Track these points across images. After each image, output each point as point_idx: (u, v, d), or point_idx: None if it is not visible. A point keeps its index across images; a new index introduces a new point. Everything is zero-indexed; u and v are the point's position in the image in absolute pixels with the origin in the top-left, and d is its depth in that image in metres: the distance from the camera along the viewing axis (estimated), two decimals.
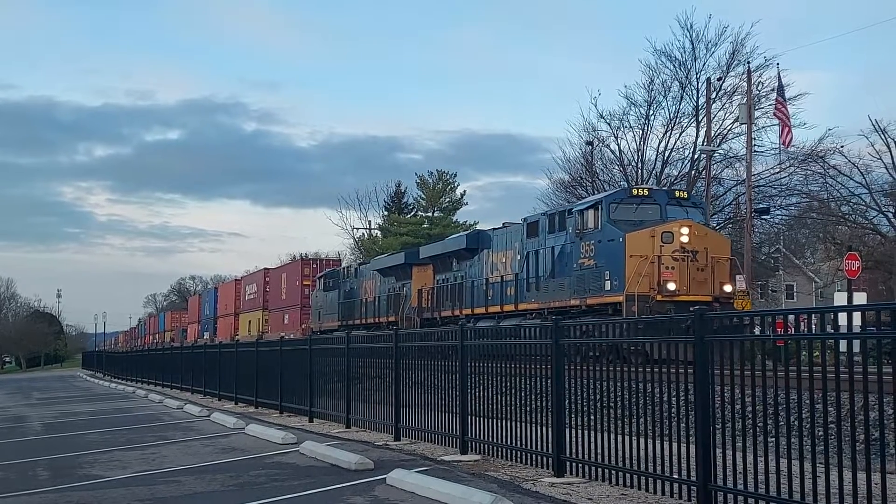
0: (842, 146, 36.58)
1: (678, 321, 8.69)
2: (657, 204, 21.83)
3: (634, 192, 22.56)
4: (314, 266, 47.83)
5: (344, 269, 42.70)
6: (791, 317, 7.34)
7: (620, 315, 18.93)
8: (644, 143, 42.33)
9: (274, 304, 51.71)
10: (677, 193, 23.11)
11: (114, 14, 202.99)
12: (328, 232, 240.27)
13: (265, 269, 57.47)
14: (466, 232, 28.94)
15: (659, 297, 19.95)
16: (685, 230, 20.73)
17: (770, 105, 34.64)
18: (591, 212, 21.95)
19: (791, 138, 32.05)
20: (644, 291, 19.86)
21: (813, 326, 7.00)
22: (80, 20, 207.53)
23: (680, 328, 8.31)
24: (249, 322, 55.52)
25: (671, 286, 20.18)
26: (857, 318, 6.96)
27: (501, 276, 25.97)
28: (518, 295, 24.78)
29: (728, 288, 21.05)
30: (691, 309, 18.72)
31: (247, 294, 57.63)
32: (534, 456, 9.92)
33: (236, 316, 59.17)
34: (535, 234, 24.38)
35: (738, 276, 22.79)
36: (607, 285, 20.87)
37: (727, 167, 39.74)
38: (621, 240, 20.85)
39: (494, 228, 28.14)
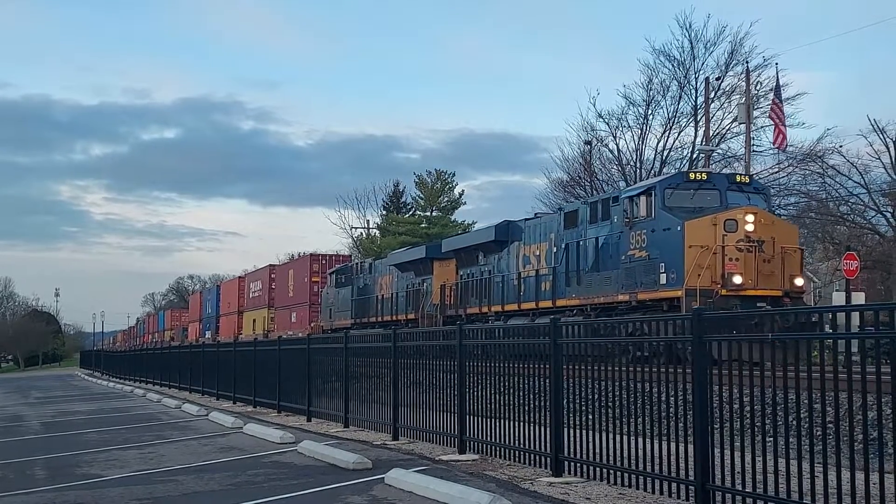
0: (840, 146, 36.61)
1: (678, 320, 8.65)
2: (716, 189, 19.87)
3: (691, 176, 20.51)
4: (324, 262, 45.71)
5: (357, 264, 40.46)
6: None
7: (678, 311, 17.51)
8: (643, 143, 42.40)
9: (281, 301, 49.67)
10: (738, 178, 21.03)
11: (109, 12, 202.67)
12: (325, 231, 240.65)
13: (270, 265, 55.09)
14: (495, 223, 27.75)
15: (723, 292, 18.18)
16: (750, 217, 18.76)
17: (769, 105, 34.65)
18: (642, 198, 19.90)
19: (783, 140, 31.90)
20: (706, 285, 18.14)
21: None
22: (76, 18, 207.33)
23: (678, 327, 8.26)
24: (254, 321, 53.70)
25: (737, 279, 18.29)
26: (855, 318, 6.96)
27: (536, 270, 23.91)
28: (555, 290, 22.80)
29: (799, 281, 19.26)
30: (759, 305, 17.75)
31: (251, 291, 55.59)
32: (532, 455, 9.91)
33: (240, 314, 57.45)
34: (574, 225, 22.42)
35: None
36: (663, 279, 19.03)
37: (726, 167, 39.65)
38: (679, 228, 18.96)
39: (526, 219, 26.23)
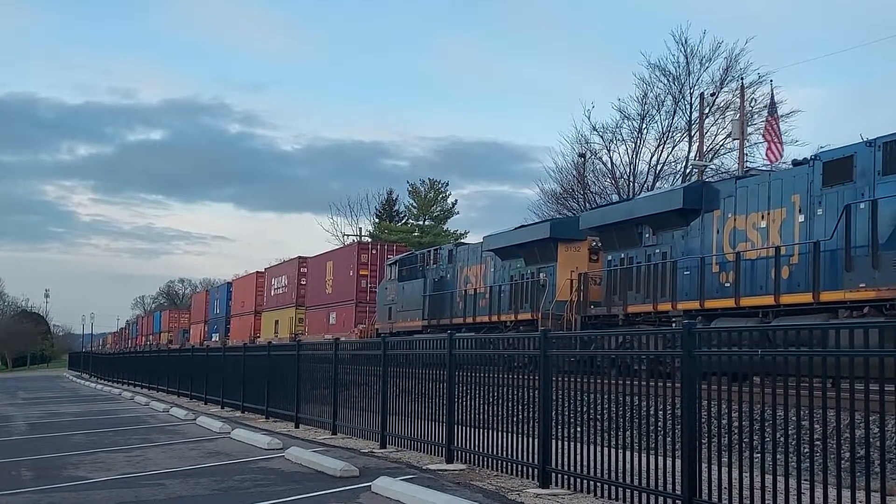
0: None
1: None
2: None
3: None
4: (374, 251, 38.65)
5: (430, 252, 33.25)
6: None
7: None
8: (636, 157, 42.66)
9: (314, 299, 42.81)
10: None
11: (95, 10, 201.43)
12: (314, 237, 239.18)
13: (300, 256, 47.56)
14: (683, 185, 21.48)
15: None
16: None
17: (763, 121, 34.84)
18: None
19: (777, 157, 31.83)
20: None
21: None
22: (61, 15, 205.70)
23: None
24: (277, 322, 47.69)
25: None
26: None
27: (776, 249, 16.61)
28: (815, 278, 15.61)
29: None
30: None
31: (273, 288, 49.49)
32: (519, 466, 9.91)
33: (257, 314, 51.49)
34: (847, 178, 15.47)
35: None
36: None
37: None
38: None
39: (737, 178, 19.61)
